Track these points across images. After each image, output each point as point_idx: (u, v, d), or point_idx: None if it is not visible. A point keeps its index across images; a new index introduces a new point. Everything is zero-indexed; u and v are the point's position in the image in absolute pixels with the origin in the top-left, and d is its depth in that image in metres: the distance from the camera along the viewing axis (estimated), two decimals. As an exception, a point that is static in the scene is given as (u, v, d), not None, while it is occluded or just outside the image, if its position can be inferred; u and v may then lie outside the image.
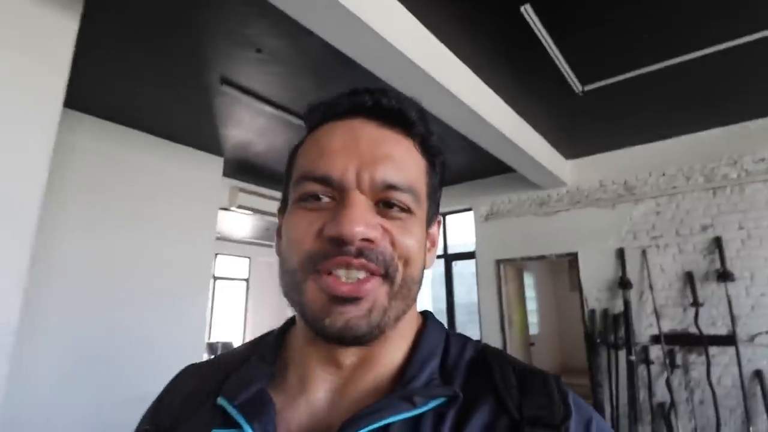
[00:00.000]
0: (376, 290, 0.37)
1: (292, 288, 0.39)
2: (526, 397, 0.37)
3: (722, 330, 3.09)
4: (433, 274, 6.18)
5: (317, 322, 0.36)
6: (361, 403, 0.38)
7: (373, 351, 0.40)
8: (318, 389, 0.40)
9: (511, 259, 4.46)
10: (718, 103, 3.12)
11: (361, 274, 0.36)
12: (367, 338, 0.36)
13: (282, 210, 0.46)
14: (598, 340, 3.53)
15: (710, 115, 3.32)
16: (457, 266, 5.52)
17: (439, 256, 5.79)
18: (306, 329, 0.40)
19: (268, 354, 0.45)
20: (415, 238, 0.40)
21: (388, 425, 0.35)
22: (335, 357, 0.40)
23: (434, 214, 0.46)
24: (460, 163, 4.28)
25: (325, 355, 0.40)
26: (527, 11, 2.19)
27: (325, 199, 0.38)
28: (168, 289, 3.39)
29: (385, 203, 0.39)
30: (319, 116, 0.44)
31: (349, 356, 0.40)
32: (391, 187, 0.38)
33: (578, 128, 3.55)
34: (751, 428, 2.89)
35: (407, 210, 0.40)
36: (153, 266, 3.33)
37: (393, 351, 0.42)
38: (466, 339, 0.46)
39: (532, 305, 5.27)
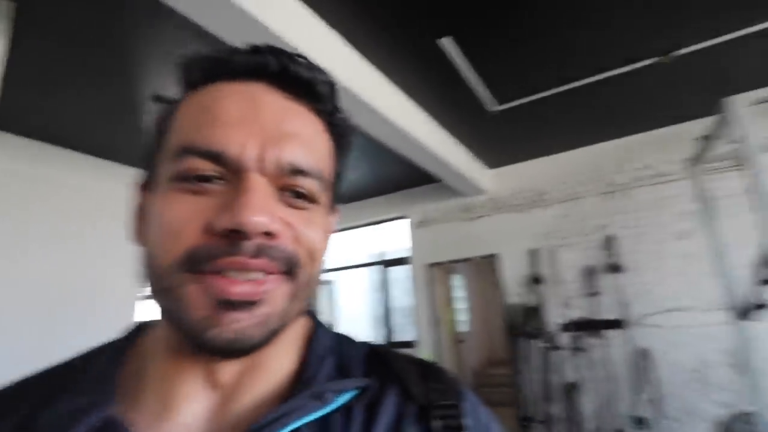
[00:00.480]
0: (276, 291, 0.32)
1: (163, 292, 0.31)
2: (428, 384, 0.38)
3: (616, 315, 3.58)
4: (370, 281, 6.36)
5: (199, 335, 0.30)
6: (254, 413, 0.34)
7: (260, 357, 0.35)
8: (191, 407, 0.33)
9: (441, 263, 4.78)
10: (610, 119, 3.64)
11: (260, 274, 0.31)
12: (258, 348, 0.32)
13: (146, 185, 0.37)
14: (518, 332, 3.92)
15: (605, 129, 3.85)
16: (394, 272, 5.77)
17: (375, 263, 6.00)
18: (176, 340, 0.33)
19: (105, 372, 0.35)
20: (320, 230, 0.35)
21: (296, 430, 0.32)
22: (214, 370, 0.34)
23: (334, 203, 0.41)
24: (395, 173, 4.54)
25: (201, 368, 0.34)
26: (443, 44, 2.47)
27: (215, 181, 0.32)
28: (93, 311, 3.26)
29: (289, 191, 0.34)
30: (204, 73, 0.36)
31: (232, 367, 0.34)
32: (299, 171, 0.33)
33: (497, 142, 3.94)
34: (638, 397, 3.38)
35: (313, 199, 0.35)
36: (76, 288, 3.19)
37: (284, 354, 0.38)
38: (354, 338, 0.44)
39: (462, 304, 5.64)
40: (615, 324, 3.50)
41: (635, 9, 2.34)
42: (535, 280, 3.97)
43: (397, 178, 4.73)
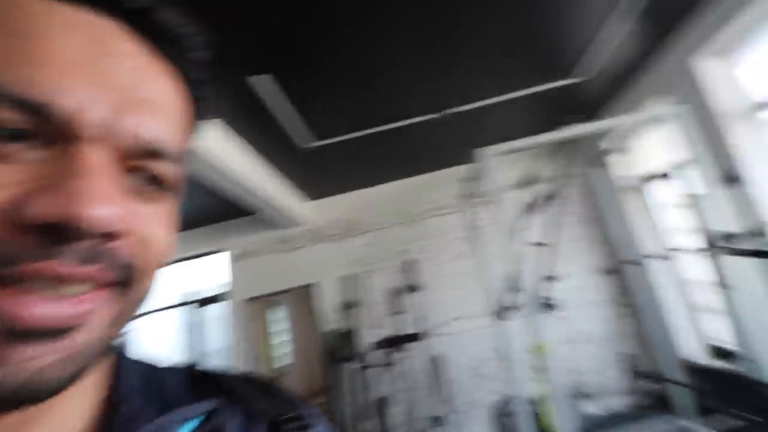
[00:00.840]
0: (100, 312, 0.23)
1: None
2: (268, 399, 0.36)
3: (416, 329, 4.12)
4: (181, 323, 5.74)
5: None
6: None
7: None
8: None
9: (261, 296, 4.68)
10: (407, 160, 4.27)
11: (84, 287, 0.22)
12: (58, 393, 0.22)
13: None
14: (335, 358, 4.11)
15: (403, 168, 4.48)
16: (209, 311, 5.35)
17: (187, 303, 5.46)
18: None
19: None
20: (170, 230, 0.28)
21: None
22: None
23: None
24: (209, 205, 4.30)
25: None
26: (256, 81, 2.55)
27: (24, 143, 0.21)
28: None
29: (139, 175, 0.25)
30: None
31: (6, 417, 0.23)
32: (157, 153, 0.25)
33: (317, 175, 4.16)
34: (434, 399, 3.93)
35: (168, 189, 0.27)
36: None
37: (85, 389, 0.28)
38: (166, 363, 0.37)
39: (285, 337, 5.58)
40: (415, 337, 4.01)
41: (423, 74, 2.88)
42: (349, 305, 4.25)
43: (212, 210, 4.49)
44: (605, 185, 4.12)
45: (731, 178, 2.73)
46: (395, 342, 4.04)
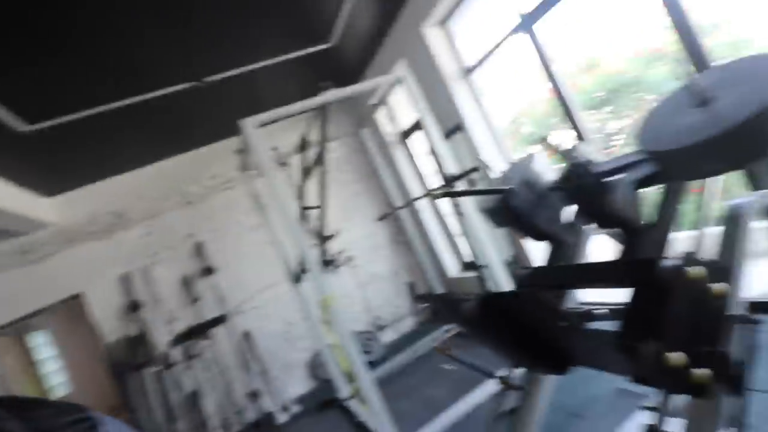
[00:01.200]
0: None
1: None
2: (32, 416, 0.33)
3: (218, 312, 3.93)
4: None
5: None
6: None
7: None
8: None
9: (6, 326, 3.69)
10: (178, 135, 3.85)
11: None
12: None
13: None
14: (126, 368, 3.62)
15: (175, 144, 4.03)
16: None
17: None
18: None
19: None
20: None
21: None
22: None
23: None
24: None
25: None
26: None
27: None
28: None
29: None
30: None
31: None
32: None
33: (49, 165, 3.37)
34: (249, 373, 3.92)
35: None
36: None
37: None
38: None
39: (56, 364, 4.62)
40: (219, 321, 3.84)
41: (171, 45, 2.59)
42: (133, 306, 3.75)
43: None
44: (374, 142, 4.57)
45: (455, 128, 3.37)
46: (197, 331, 3.80)
